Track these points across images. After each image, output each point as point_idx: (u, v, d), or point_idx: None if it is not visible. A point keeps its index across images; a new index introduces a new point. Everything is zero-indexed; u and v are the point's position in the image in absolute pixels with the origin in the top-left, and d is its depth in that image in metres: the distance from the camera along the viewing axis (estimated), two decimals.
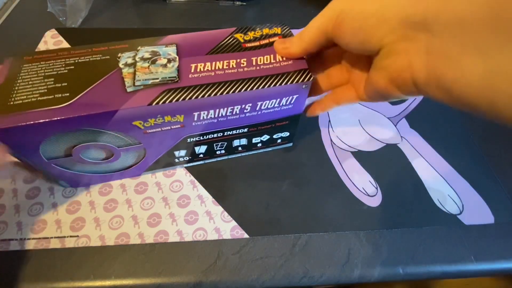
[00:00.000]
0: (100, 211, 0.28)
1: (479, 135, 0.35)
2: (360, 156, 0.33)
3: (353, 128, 0.35)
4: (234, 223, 0.28)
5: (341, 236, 0.28)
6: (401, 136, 0.35)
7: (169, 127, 0.25)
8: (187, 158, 0.30)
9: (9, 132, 0.20)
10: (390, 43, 0.17)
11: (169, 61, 0.24)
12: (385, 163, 0.33)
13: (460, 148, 0.34)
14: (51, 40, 0.42)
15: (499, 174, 0.32)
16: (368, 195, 0.30)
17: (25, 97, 0.21)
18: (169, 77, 0.23)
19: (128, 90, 0.22)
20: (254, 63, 0.24)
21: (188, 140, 0.27)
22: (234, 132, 0.28)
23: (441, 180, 0.32)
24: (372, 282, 0.26)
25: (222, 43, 0.25)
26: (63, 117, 0.20)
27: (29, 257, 0.25)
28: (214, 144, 0.29)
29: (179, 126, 0.25)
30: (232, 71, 0.23)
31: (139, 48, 0.25)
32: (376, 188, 0.31)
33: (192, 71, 0.23)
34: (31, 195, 0.28)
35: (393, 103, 0.38)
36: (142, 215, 0.28)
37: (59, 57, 0.23)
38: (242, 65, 0.24)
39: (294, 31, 0.46)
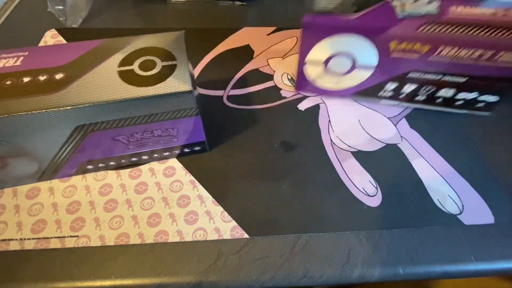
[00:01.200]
0: (100, 211, 0.28)
1: (479, 135, 0.35)
2: (360, 156, 0.33)
3: (353, 128, 0.35)
4: (234, 223, 0.28)
5: (341, 236, 0.28)
6: (401, 136, 0.35)
7: (408, 56, 0.30)
8: (390, 94, 0.33)
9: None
10: None
11: (430, 1, 0.28)
12: (385, 163, 0.33)
13: (460, 148, 0.34)
14: (51, 40, 0.42)
15: (499, 174, 0.32)
16: (368, 195, 0.30)
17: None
18: (431, 12, 0.27)
19: (400, 16, 0.28)
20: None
21: (408, 75, 0.31)
22: (452, 79, 0.31)
23: (441, 180, 0.32)
24: (372, 282, 0.26)
25: None
26: (355, 22, 0.28)
27: (29, 257, 0.25)
28: (422, 87, 0.32)
29: (416, 56, 0.30)
30: (490, 18, 0.27)
31: None
32: (376, 188, 0.31)
33: (450, 12, 0.27)
34: (31, 195, 0.28)
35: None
36: (142, 215, 0.28)
37: None
38: (498, 14, 0.27)
39: (294, 31, 0.46)
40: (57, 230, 0.27)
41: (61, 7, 0.43)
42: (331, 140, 0.34)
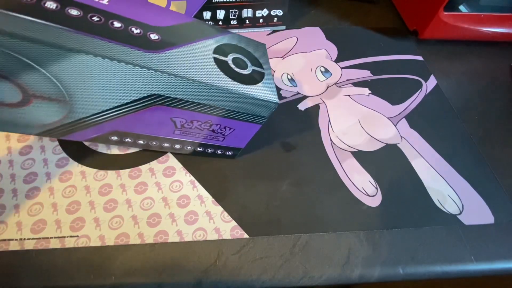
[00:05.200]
0: (100, 211, 0.28)
1: (479, 135, 0.35)
2: (360, 156, 0.33)
3: (353, 128, 0.35)
4: (234, 223, 0.28)
5: (341, 236, 0.28)
6: (401, 136, 0.35)
7: None
8: (212, 24, 0.34)
9: None
10: None
11: None
12: (385, 163, 0.33)
13: (460, 148, 0.34)
14: None
15: (499, 174, 0.32)
16: (368, 195, 0.30)
17: None
18: None
19: None
20: None
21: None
22: None
23: (441, 180, 0.32)
24: (372, 282, 0.26)
25: None
26: None
27: (29, 257, 0.25)
28: (229, 11, 0.34)
29: None
30: None
31: None
32: (376, 188, 0.31)
33: None
34: (31, 195, 0.28)
35: (393, 103, 0.38)
36: (142, 215, 0.28)
37: None
38: None
39: (293, 31, 0.46)
40: (57, 230, 0.27)
41: None
42: (331, 140, 0.34)
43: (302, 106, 0.37)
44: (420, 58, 0.44)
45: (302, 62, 0.42)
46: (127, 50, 0.20)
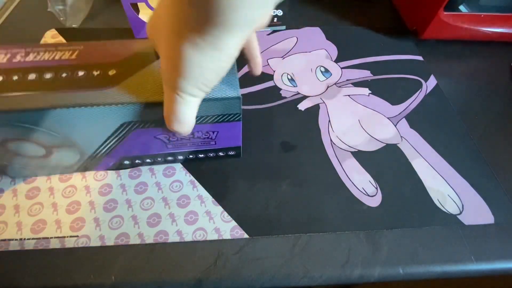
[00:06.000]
0: (100, 211, 0.28)
1: (479, 135, 0.35)
2: (360, 156, 0.33)
3: (353, 128, 0.35)
4: (234, 223, 0.28)
5: (341, 236, 0.28)
6: (401, 136, 0.35)
7: None
8: None
9: None
10: None
11: None
12: (385, 163, 0.33)
13: (460, 148, 0.34)
14: (51, 40, 0.42)
15: (498, 174, 0.32)
16: (368, 195, 0.30)
17: None
18: None
19: None
20: None
21: None
22: None
23: (441, 180, 0.32)
24: (372, 282, 0.26)
25: None
26: None
27: (29, 257, 0.25)
28: None
29: None
30: None
31: None
32: (376, 188, 0.31)
33: None
34: (31, 195, 0.28)
35: (393, 103, 0.38)
36: (142, 215, 0.28)
37: None
38: None
39: (293, 31, 0.46)
40: (57, 230, 0.27)
41: (61, 7, 0.43)
42: (331, 140, 0.34)
43: (302, 106, 0.37)
44: (420, 58, 0.44)
45: (302, 62, 0.42)
46: (85, 94, 0.23)
